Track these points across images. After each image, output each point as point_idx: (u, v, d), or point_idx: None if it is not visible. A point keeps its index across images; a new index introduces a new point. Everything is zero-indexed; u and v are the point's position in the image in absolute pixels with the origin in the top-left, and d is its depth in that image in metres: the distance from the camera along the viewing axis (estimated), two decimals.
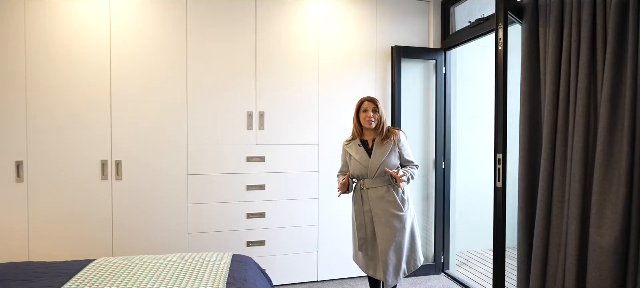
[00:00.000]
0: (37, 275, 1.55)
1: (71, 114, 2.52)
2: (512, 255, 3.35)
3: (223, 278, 1.54)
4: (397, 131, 2.21)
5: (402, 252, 2.13)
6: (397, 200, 2.11)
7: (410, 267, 2.19)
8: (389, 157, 2.13)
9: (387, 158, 2.13)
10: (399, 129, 2.25)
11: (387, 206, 2.10)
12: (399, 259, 2.11)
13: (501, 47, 1.95)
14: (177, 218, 2.72)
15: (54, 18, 2.48)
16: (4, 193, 2.43)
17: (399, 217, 2.11)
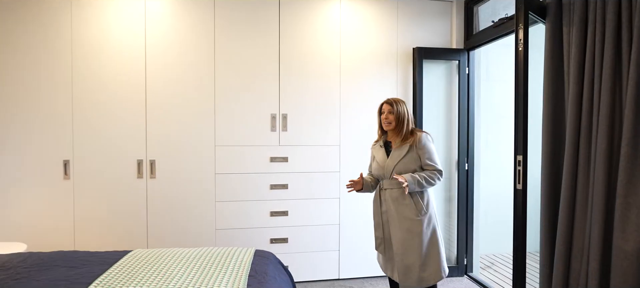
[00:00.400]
0: (83, 262, 1.73)
1: (111, 117, 2.73)
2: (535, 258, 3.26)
3: (245, 271, 1.64)
4: (419, 133, 2.11)
5: (418, 259, 2.02)
6: (413, 204, 2.03)
7: (431, 278, 2.03)
8: (405, 160, 2.06)
9: (403, 161, 2.07)
10: (422, 131, 2.14)
11: (402, 209, 2.05)
12: (414, 265, 2.03)
13: (521, 48, 1.93)
14: (206, 214, 2.88)
15: (97, 30, 2.70)
16: (53, 189, 2.69)
17: (414, 221, 2.03)
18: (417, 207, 2.03)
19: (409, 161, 2.07)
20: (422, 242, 2.02)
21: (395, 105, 2.13)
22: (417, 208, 2.03)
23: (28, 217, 2.66)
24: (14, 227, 2.65)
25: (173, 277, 1.57)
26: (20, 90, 2.63)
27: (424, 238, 2.03)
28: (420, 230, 2.02)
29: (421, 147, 2.07)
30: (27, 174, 2.65)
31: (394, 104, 2.14)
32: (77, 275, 1.58)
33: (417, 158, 2.08)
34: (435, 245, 2.06)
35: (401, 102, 2.16)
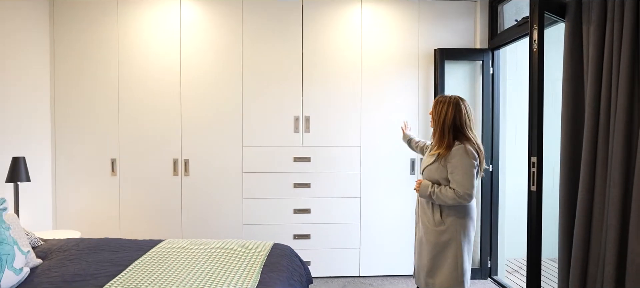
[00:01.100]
0: (123, 248, 1.98)
1: (151, 120, 3.03)
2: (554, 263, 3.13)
3: (261, 261, 1.80)
4: (458, 145, 1.84)
5: (426, 265, 1.97)
6: (431, 214, 1.94)
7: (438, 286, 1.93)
8: (431, 168, 1.93)
9: (428, 168, 1.95)
10: (467, 142, 1.85)
11: (424, 216, 1.99)
12: (423, 268, 2.00)
13: (536, 49, 1.92)
14: (234, 210, 3.09)
15: (139, 42, 3.01)
16: (102, 184, 3.03)
17: (428, 230, 1.96)
18: (434, 218, 1.93)
19: (434, 171, 1.91)
20: (432, 251, 1.94)
21: (435, 105, 1.95)
22: (434, 219, 1.93)
23: (81, 209, 3.02)
24: (69, 217, 3.02)
25: (197, 262, 1.77)
26: (75, 95, 2.99)
27: (434, 248, 1.93)
28: (431, 239, 1.94)
29: (450, 159, 1.84)
30: (80, 171, 3.01)
31: (434, 104, 1.97)
32: (118, 258, 1.83)
33: (443, 169, 1.87)
34: (446, 261, 1.92)
35: (443, 102, 1.92)
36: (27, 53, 2.71)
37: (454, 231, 1.90)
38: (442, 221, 1.91)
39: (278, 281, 1.59)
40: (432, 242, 1.94)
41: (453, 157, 1.83)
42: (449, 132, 1.87)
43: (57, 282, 1.56)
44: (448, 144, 1.86)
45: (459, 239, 1.90)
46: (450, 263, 1.90)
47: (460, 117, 1.87)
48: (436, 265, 1.94)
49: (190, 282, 1.54)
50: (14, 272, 1.55)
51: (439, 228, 1.92)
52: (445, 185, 1.87)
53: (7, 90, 2.52)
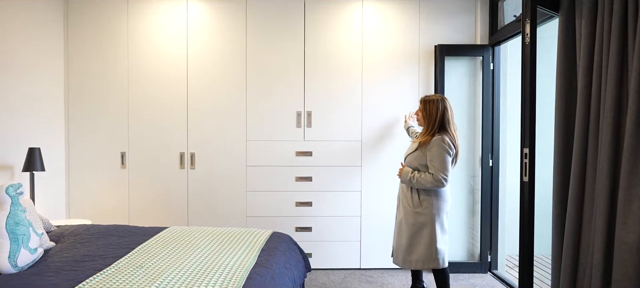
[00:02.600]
0: (130, 233, 2.09)
1: (159, 115, 3.15)
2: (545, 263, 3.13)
3: (259, 246, 1.88)
4: (436, 136, 2.14)
5: (404, 244, 2.25)
6: (410, 198, 2.24)
7: (420, 263, 2.19)
8: (412, 156, 2.26)
9: (410, 156, 2.28)
10: (444, 134, 2.15)
11: (404, 198, 2.31)
12: (401, 247, 2.28)
13: (528, 42, 1.96)
14: (238, 203, 3.19)
15: (148, 41, 3.13)
16: (112, 176, 3.16)
17: (407, 211, 2.26)
18: (412, 201, 2.24)
19: (415, 157, 2.24)
20: (410, 230, 2.24)
21: (425, 104, 2.24)
22: (412, 201, 2.24)
23: (92, 199, 3.16)
24: (81, 207, 3.16)
25: (198, 246, 1.86)
26: (87, 90, 3.13)
27: (411, 228, 2.23)
28: (410, 220, 2.24)
29: (429, 148, 2.16)
30: (92, 163, 3.15)
31: (425, 102, 2.24)
32: (125, 242, 1.93)
33: (422, 157, 2.19)
34: (421, 240, 2.20)
35: (435, 100, 2.20)
36: (42, 49, 2.86)
37: (429, 213, 2.19)
38: (419, 204, 2.21)
39: (274, 263, 1.67)
40: (410, 223, 2.24)
41: (432, 147, 2.14)
42: (436, 127, 2.17)
43: (69, 261, 1.67)
44: (431, 135, 2.17)
45: (434, 220, 2.19)
46: (425, 241, 2.20)
47: (446, 113, 2.20)
48: (413, 243, 2.23)
49: (191, 262, 1.63)
50: (29, 251, 1.67)
51: (417, 210, 2.22)
52: (425, 171, 2.17)
53: (24, 84, 2.67)
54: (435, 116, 2.17)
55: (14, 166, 2.58)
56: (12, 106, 2.55)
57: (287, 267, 1.72)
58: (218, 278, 1.45)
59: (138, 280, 1.45)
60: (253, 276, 1.48)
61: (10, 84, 2.53)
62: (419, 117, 2.33)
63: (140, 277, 1.47)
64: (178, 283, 1.42)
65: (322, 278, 3.04)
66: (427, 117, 2.21)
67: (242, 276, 1.47)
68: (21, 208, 1.71)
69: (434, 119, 2.17)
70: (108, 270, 1.55)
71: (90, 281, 1.44)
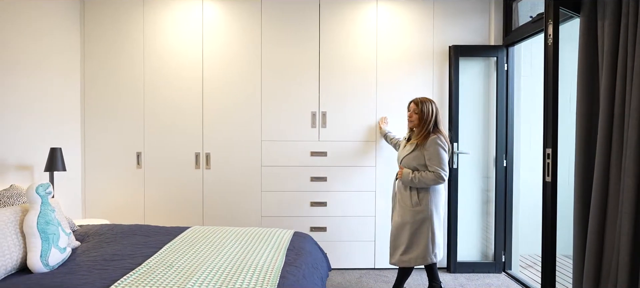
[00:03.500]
0: (154, 233, 2.10)
1: (174, 116, 3.16)
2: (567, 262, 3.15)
3: (285, 245, 1.89)
4: (432, 135, 2.25)
5: (404, 243, 2.32)
6: (408, 197, 2.32)
7: (416, 261, 2.31)
8: (410, 156, 2.31)
9: (408, 156, 2.33)
10: (439, 133, 2.27)
11: (402, 198, 2.37)
12: (399, 247, 2.35)
13: (551, 43, 1.97)
14: (253, 202, 3.20)
15: (164, 42, 3.15)
16: (128, 176, 3.17)
17: (407, 210, 2.32)
18: (412, 200, 2.31)
19: (413, 158, 2.30)
20: (410, 229, 2.31)
21: (421, 105, 2.31)
22: (412, 200, 2.31)
23: (108, 199, 3.17)
24: (97, 207, 3.17)
25: (224, 246, 1.87)
26: (103, 91, 3.15)
27: (412, 226, 2.31)
28: (409, 219, 2.31)
29: (426, 147, 2.25)
30: (108, 163, 3.16)
31: (420, 104, 2.32)
32: (151, 241, 1.94)
33: (421, 157, 2.27)
34: (422, 236, 2.31)
35: (428, 102, 2.32)
36: (59, 49, 2.87)
37: (428, 210, 2.30)
38: (418, 202, 2.30)
39: (303, 263, 1.68)
40: (409, 222, 2.31)
41: (430, 146, 2.24)
42: (429, 125, 2.27)
43: (98, 260, 1.68)
44: (425, 135, 2.26)
45: (432, 216, 2.31)
46: (425, 238, 2.30)
47: (438, 113, 2.32)
48: (413, 241, 2.32)
49: (221, 262, 1.64)
50: (59, 251, 1.68)
51: (416, 208, 2.30)
52: (423, 170, 2.26)
53: (41, 84, 2.68)
54: (431, 116, 2.27)
55: (33, 166, 2.60)
56: (30, 106, 2.56)
57: (315, 267, 1.73)
58: (251, 277, 1.46)
59: (172, 279, 1.46)
60: (285, 275, 1.49)
61: (27, 83, 2.55)
62: (413, 119, 2.36)
63: (174, 276, 1.48)
64: (212, 282, 1.43)
65: (338, 277, 3.04)
66: (423, 118, 2.29)
67: (274, 274, 1.48)
68: (51, 208, 1.73)
69: (429, 119, 2.27)
70: (140, 269, 1.56)
71: (124, 279, 1.45)
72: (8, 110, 2.37)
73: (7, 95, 2.37)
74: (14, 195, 1.95)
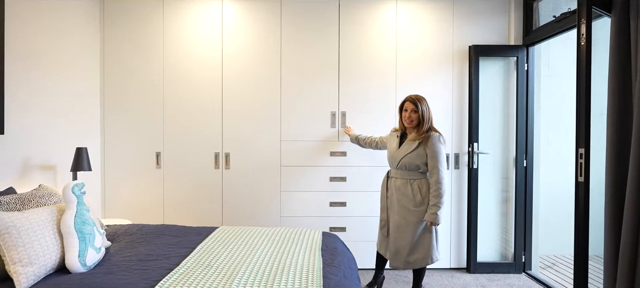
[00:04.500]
0: (183, 233, 2.09)
1: (194, 116, 3.15)
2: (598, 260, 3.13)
3: (318, 245, 1.89)
4: (433, 134, 2.30)
5: (408, 244, 2.29)
6: (411, 196, 2.30)
7: (420, 262, 2.31)
8: (412, 154, 2.29)
9: (409, 155, 2.30)
10: (436, 131, 2.33)
11: (403, 198, 2.33)
12: (404, 248, 2.31)
13: (584, 43, 1.96)
14: (272, 202, 3.19)
15: (183, 43, 3.14)
16: (147, 176, 3.16)
17: (410, 211, 2.29)
18: (415, 199, 2.29)
19: (415, 156, 2.30)
20: (414, 230, 2.29)
21: (420, 105, 2.32)
22: (415, 200, 2.29)
23: (127, 199, 3.16)
24: (117, 207, 3.16)
25: (258, 245, 1.86)
26: (122, 90, 3.14)
27: (416, 227, 2.28)
28: (414, 219, 2.28)
29: (430, 146, 2.27)
30: (127, 163, 3.16)
31: (418, 104, 2.32)
32: (182, 241, 1.94)
33: (423, 155, 2.29)
34: (427, 236, 2.30)
35: (424, 101, 2.35)
36: (79, 49, 2.87)
37: None
38: (422, 201, 2.30)
39: (340, 263, 1.67)
40: (414, 222, 2.29)
41: (433, 145, 2.27)
42: (427, 124, 2.32)
43: (134, 260, 1.68)
44: (426, 133, 2.31)
45: None
46: (429, 238, 2.31)
47: (430, 112, 2.36)
48: (418, 242, 2.30)
49: (258, 262, 1.64)
50: (95, 251, 1.68)
51: (420, 208, 2.30)
52: (424, 169, 2.31)
53: (61, 84, 2.67)
54: (429, 114, 2.32)
55: (56, 166, 2.59)
56: (53, 106, 2.56)
57: (350, 267, 1.72)
58: (294, 278, 1.45)
59: (214, 279, 1.45)
60: (327, 275, 1.48)
61: (50, 84, 2.54)
62: (414, 118, 2.34)
63: (215, 277, 1.48)
64: (255, 282, 1.43)
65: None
66: (422, 116, 2.31)
67: (317, 275, 1.47)
68: (86, 208, 1.72)
69: (428, 117, 2.31)
70: (179, 270, 1.55)
71: (166, 280, 1.44)
72: (32, 110, 2.36)
73: (32, 95, 2.37)
74: (45, 195, 1.94)
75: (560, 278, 3.16)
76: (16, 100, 2.22)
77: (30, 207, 1.84)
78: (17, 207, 1.79)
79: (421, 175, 2.35)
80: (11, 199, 1.81)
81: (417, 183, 2.32)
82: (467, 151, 3.20)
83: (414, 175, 2.34)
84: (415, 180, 2.33)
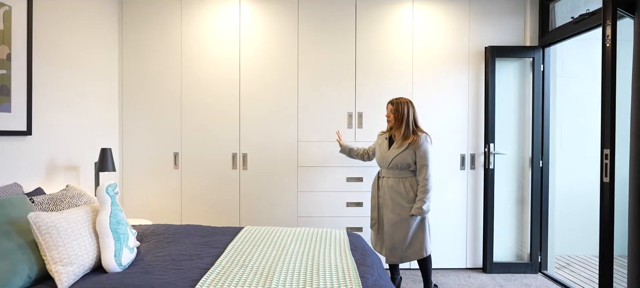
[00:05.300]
0: (210, 233, 2.11)
1: (211, 117, 3.17)
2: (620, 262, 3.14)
3: (346, 244, 1.90)
4: (420, 134, 2.44)
5: (404, 240, 2.41)
6: (405, 194, 2.42)
7: (415, 255, 2.45)
8: (403, 154, 2.41)
9: (400, 155, 2.41)
10: (423, 132, 2.46)
11: (396, 196, 2.44)
12: (400, 244, 2.42)
13: (609, 44, 1.98)
14: (289, 203, 3.21)
15: (201, 45, 3.15)
16: (165, 177, 3.18)
17: (404, 208, 2.41)
18: (408, 196, 2.42)
19: (406, 155, 2.42)
20: (409, 225, 2.41)
21: (397, 106, 2.45)
22: (408, 197, 2.42)
23: (145, 199, 3.18)
24: (135, 207, 3.17)
25: (287, 245, 1.88)
26: (140, 91, 3.15)
27: (411, 222, 2.41)
28: (408, 215, 2.40)
29: (418, 147, 2.41)
30: (145, 163, 3.17)
31: (397, 105, 2.46)
32: (211, 241, 1.95)
33: (413, 154, 2.42)
34: (421, 230, 2.45)
35: (404, 103, 2.45)
36: (98, 50, 2.88)
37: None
38: (414, 198, 2.42)
39: (372, 263, 1.69)
40: (409, 218, 2.41)
41: (421, 144, 2.41)
42: (409, 124, 2.43)
43: (167, 260, 1.69)
44: (414, 133, 2.43)
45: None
46: (423, 232, 2.45)
47: (415, 113, 2.48)
48: (413, 237, 2.43)
49: (292, 261, 1.65)
50: (129, 250, 1.69)
51: (413, 204, 2.42)
52: (413, 168, 2.44)
53: (81, 85, 2.69)
54: (407, 115, 2.42)
55: (79, 166, 2.60)
56: (75, 107, 2.57)
57: (381, 267, 1.73)
58: (332, 277, 1.47)
59: (252, 279, 1.46)
60: (364, 275, 1.49)
61: (70, 84, 2.55)
62: (391, 118, 2.48)
63: (252, 276, 1.49)
64: (294, 281, 1.44)
65: None
66: (401, 118, 2.42)
67: (353, 274, 1.48)
68: (119, 208, 1.74)
69: (407, 119, 2.42)
70: (214, 269, 1.56)
71: (205, 279, 1.45)
72: (56, 111, 2.38)
73: (56, 96, 2.38)
74: (75, 195, 1.96)
75: (576, 278, 3.17)
76: (42, 101, 2.24)
77: (62, 208, 1.85)
78: (49, 207, 1.81)
79: (412, 173, 2.48)
80: (44, 199, 1.83)
81: (408, 181, 2.45)
82: (483, 151, 3.22)
83: (405, 174, 2.46)
84: (407, 178, 2.46)
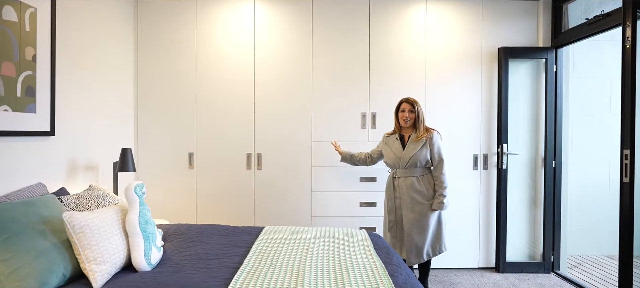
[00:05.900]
0: (233, 233, 2.12)
1: (226, 118, 3.18)
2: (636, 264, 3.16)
3: (370, 244, 1.92)
4: (432, 130, 2.54)
5: (426, 237, 2.46)
6: (425, 191, 2.48)
7: (435, 251, 2.52)
8: (420, 152, 2.47)
9: (418, 153, 2.47)
10: (434, 130, 2.56)
11: (415, 194, 2.48)
12: (422, 242, 2.46)
13: (629, 46, 1.99)
14: (303, 203, 3.22)
15: (215, 47, 3.17)
16: (180, 177, 3.19)
17: (425, 205, 2.46)
18: (428, 193, 2.48)
19: (424, 152, 2.50)
20: (429, 223, 2.47)
21: (416, 106, 2.53)
22: (428, 194, 2.48)
23: (161, 199, 3.20)
24: (153, 207, 3.19)
25: (311, 245, 1.90)
26: (155, 92, 3.17)
27: (431, 220, 2.48)
28: (428, 212, 2.47)
29: (433, 143, 2.51)
30: (160, 164, 3.19)
31: (414, 105, 2.53)
32: (235, 240, 1.97)
33: (428, 151, 2.50)
34: (439, 226, 2.53)
35: (418, 103, 2.56)
36: (113, 50, 2.90)
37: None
38: (433, 196, 2.49)
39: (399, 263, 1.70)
40: (429, 215, 2.47)
41: (436, 141, 2.52)
42: (423, 123, 2.55)
43: (195, 259, 1.71)
44: (426, 131, 2.54)
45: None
46: (441, 229, 2.53)
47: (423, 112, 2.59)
48: (435, 234, 2.51)
49: (319, 261, 1.67)
50: (157, 250, 1.71)
51: (431, 201, 2.48)
52: (429, 165, 2.53)
53: (101, 86, 2.70)
54: (422, 114, 2.55)
55: (98, 166, 2.62)
56: (93, 107, 2.59)
57: (406, 266, 1.75)
58: (362, 276, 1.48)
59: (284, 278, 1.48)
60: (394, 274, 1.51)
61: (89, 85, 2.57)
62: (412, 118, 2.54)
63: (283, 275, 1.51)
64: (326, 280, 1.46)
65: None
66: (418, 116, 2.53)
67: (383, 274, 1.50)
68: (147, 208, 1.75)
69: (423, 117, 2.55)
70: (244, 268, 1.58)
71: (237, 278, 1.47)
72: (76, 111, 2.40)
73: (76, 97, 2.40)
74: (100, 195, 1.97)
75: (589, 278, 3.19)
76: (63, 102, 2.25)
77: (89, 207, 1.87)
78: (77, 207, 1.83)
79: (427, 171, 2.55)
80: (71, 199, 1.84)
81: (426, 178, 2.52)
82: (496, 151, 3.24)
83: (422, 172, 2.53)
84: (425, 175, 2.53)
